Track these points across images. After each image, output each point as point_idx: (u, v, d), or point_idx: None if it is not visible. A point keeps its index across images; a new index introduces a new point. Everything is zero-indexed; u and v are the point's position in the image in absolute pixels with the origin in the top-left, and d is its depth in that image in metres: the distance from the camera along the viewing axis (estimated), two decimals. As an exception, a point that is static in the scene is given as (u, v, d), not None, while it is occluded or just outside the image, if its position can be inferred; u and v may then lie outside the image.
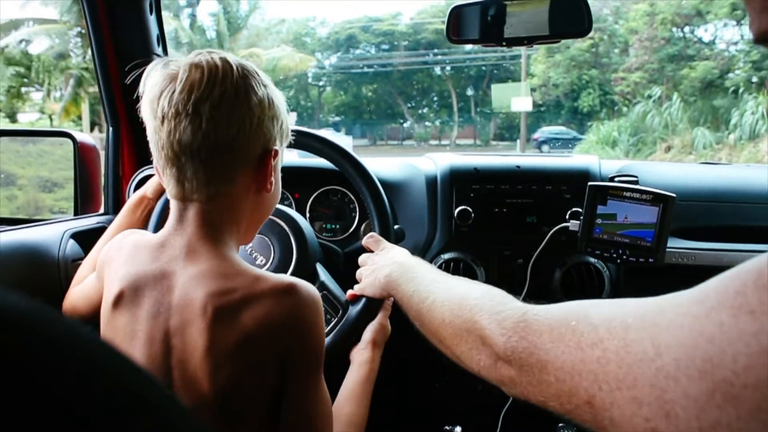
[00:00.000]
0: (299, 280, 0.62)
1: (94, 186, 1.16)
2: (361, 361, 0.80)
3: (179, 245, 0.62)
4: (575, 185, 1.10)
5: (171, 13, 16.39)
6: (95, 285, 0.73)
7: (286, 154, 0.72)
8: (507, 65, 21.16)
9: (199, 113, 0.58)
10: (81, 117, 13.60)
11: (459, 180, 1.14)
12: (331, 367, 0.68)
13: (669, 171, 1.27)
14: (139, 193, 0.95)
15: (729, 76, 13.39)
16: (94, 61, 1.12)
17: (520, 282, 1.09)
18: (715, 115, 12.49)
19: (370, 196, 0.92)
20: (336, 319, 0.87)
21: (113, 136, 1.19)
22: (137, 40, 1.13)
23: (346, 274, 0.92)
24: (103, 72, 1.13)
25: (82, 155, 1.12)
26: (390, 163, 1.25)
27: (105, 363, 0.18)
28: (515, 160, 1.18)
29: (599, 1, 17.49)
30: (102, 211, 1.18)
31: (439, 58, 21.83)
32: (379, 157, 1.47)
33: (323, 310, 0.64)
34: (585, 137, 15.03)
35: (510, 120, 21.31)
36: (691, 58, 14.63)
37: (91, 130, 13.03)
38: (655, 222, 0.95)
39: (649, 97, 13.58)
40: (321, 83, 24.32)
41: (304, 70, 18.99)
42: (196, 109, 0.58)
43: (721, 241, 1.08)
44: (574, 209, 1.08)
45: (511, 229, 1.12)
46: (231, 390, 0.58)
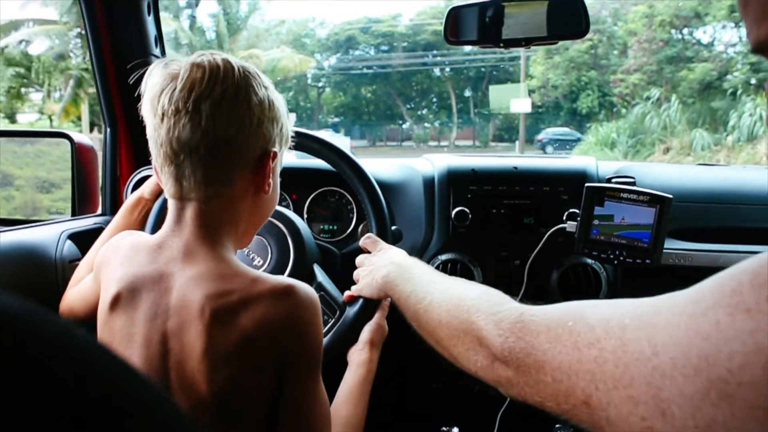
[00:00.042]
0: (297, 282, 0.62)
1: (92, 187, 1.16)
2: (358, 362, 0.80)
3: (177, 247, 0.61)
4: (572, 186, 1.10)
5: (171, 14, 16.37)
6: (92, 286, 0.72)
7: (284, 155, 0.72)
8: (506, 66, 21.18)
9: (199, 111, 0.58)
10: (81, 117, 13.58)
11: (456, 181, 1.14)
12: (328, 367, 0.68)
13: (666, 172, 1.27)
14: (136, 194, 0.95)
15: (727, 77, 13.41)
16: (92, 62, 1.12)
17: (517, 283, 1.09)
18: (713, 116, 12.51)
19: (367, 197, 0.92)
20: (333, 320, 0.87)
21: (111, 136, 1.19)
22: (135, 41, 1.13)
23: (344, 275, 0.92)
24: (101, 73, 1.13)
25: (80, 156, 1.12)
26: (387, 164, 1.25)
27: (101, 365, 0.18)
28: (512, 161, 1.18)
29: (598, 3, 17.53)
30: (99, 211, 1.18)
31: (438, 59, 21.84)
32: (376, 158, 1.47)
33: (321, 311, 0.64)
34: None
35: (509, 121, 21.32)
36: (689, 59, 14.67)
37: (91, 130, 13.01)
38: (652, 223, 0.95)
39: (648, 98, 13.59)
40: (320, 84, 24.33)
41: (303, 71, 18.98)
42: (196, 107, 0.58)
43: (718, 243, 1.08)
44: (572, 210, 1.08)
45: (509, 230, 1.12)
46: (229, 392, 0.58)
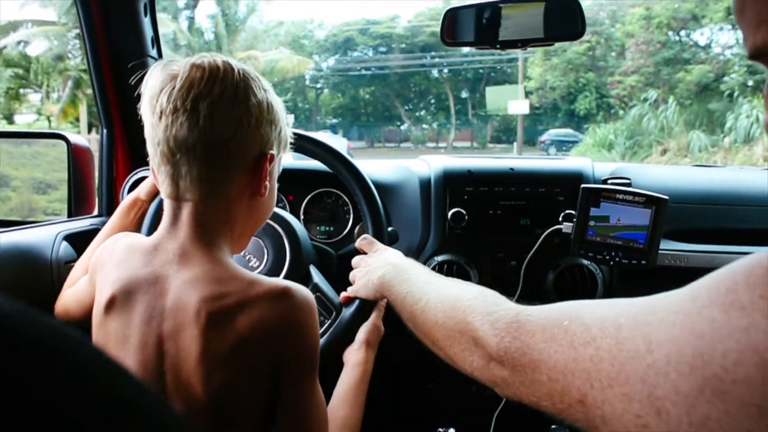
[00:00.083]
0: (293, 284, 0.62)
1: (88, 188, 1.15)
2: (354, 363, 0.80)
3: (172, 249, 0.61)
4: (568, 187, 1.10)
5: (169, 16, 16.37)
6: (87, 288, 0.72)
7: (282, 160, 0.71)
8: (504, 68, 21.22)
9: (197, 110, 0.58)
10: (79, 119, 13.56)
11: (452, 182, 1.14)
12: (325, 368, 0.67)
13: (662, 173, 1.27)
14: (132, 195, 0.94)
15: (724, 79, 13.46)
16: (88, 64, 1.12)
17: (513, 284, 1.09)
18: (710, 118, 12.55)
19: (363, 198, 0.92)
20: (329, 321, 0.87)
21: (107, 137, 1.18)
22: (132, 42, 1.13)
23: (340, 276, 0.92)
24: (98, 74, 1.13)
25: (76, 157, 1.12)
26: (384, 166, 1.25)
27: (95, 367, 0.18)
28: (509, 162, 1.19)
29: (596, 5, 17.58)
30: (96, 213, 1.18)
31: (436, 60, 21.87)
32: (372, 159, 1.47)
33: (317, 313, 0.64)
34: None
35: (507, 123, 21.36)
36: (686, 61, 14.72)
37: (89, 131, 12.99)
38: (647, 224, 0.95)
39: (645, 100, 13.63)
40: (318, 85, 24.34)
41: (301, 72, 18.97)
42: (194, 106, 0.58)
43: (714, 244, 1.09)
44: (568, 211, 1.08)
45: (505, 231, 1.12)
46: (225, 395, 0.58)
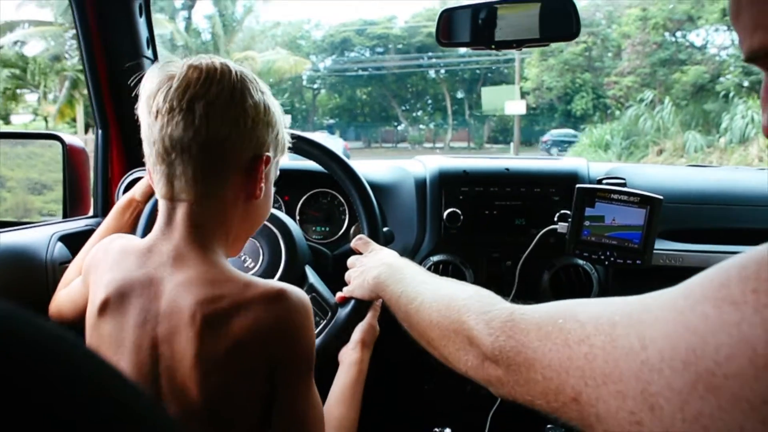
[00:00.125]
0: (289, 286, 0.61)
1: (83, 188, 1.15)
2: (350, 362, 0.80)
3: (166, 251, 0.61)
4: (564, 187, 1.11)
5: (166, 16, 16.35)
6: (81, 289, 0.72)
7: (279, 164, 0.71)
8: (501, 68, 21.26)
9: (193, 110, 0.58)
10: (76, 119, 13.52)
11: (448, 182, 1.14)
12: (321, 369, 0.67)
13: (657, 173, 1.27)
14: (127, 195, 0.94)
15: (720, 80, 13.52)
16: (83, 64, 1.12)
17: (508, 284, 1.10)
18: (706, 118, 12.60)
19: (358, 198, 0.92)
20: (325, 321, 0.87)
21: (102, 138, 1.18)
22: (127, 43, 1.13)
23: (336, 276, 0.92)
24: (93, 74, 1.13)
25: (71, 158, 1.12)
26: (379, 166, 1.25)
27: (89, 369, 0.18)
28: (504, 162, 1.19)
29: (592, 6, 17.63)
30: (91, 213, 1.17)
31: (433, 61, 21.89)
32: (369, 160, 1.47)
33: (313, 314, 0.64)
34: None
35: (504, 123, 21.40)
36: (682, 62, 14.77)
37: (86, 132, 12.94)
38: (642, 224, 0.96)
39: (642, 100, 13.66)
40: (315, 86, 24.33)
41: (298, 72, 18.96)
42: (190, 106, 0.58)
43: (709, 243, 1.09)
44: (563, 211, 1.09)
45: (500, 232, 1.13)
46: (221, 397, 0.58)
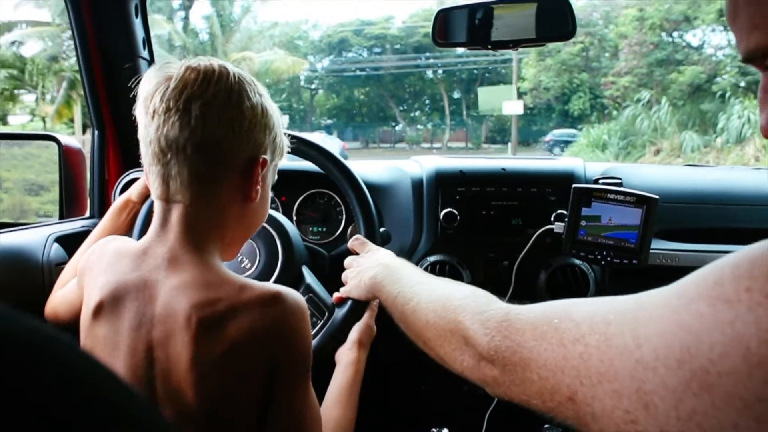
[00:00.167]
0: (285, 288, 0.61)
1: (80, 189, 1.15)
2: (347, 362, 0.80)
3: (161, 253, 0.60)
4: (560, 187, 1.11)
5: (164, 17, 16.33)
6: (76, 291, 0.71)
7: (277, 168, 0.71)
8: (498, 69, 21.29)
9: (190, 110, 0.58)
10: (73, 119, 13.48)
11: (444, 182, 1.14)
12: (318, 369, 0.67)
13: (653, 173, 1.28)
14: (124, 196, 0.94)
15: (716, 80, 13.55)
16: (80, 65, 1.12)
17: (505, 284, 1.10)
18: (702, 118, 12.64)
19: (355, 198, 0.92)
20: (322, 321, 0.87)
21: (99, 139, 1.18)
22: (123, 44, 1.12)
23: (333, 276, 0.92)
24: (89, 75, 1.12)
25: (68, 158, 1.11)
26: (376, 166, 1.25)
27: (84, 371, 0.18)
28: (500, 162, 1.19)
29: (589, 6, 17.66)
30: (87, 214, 1.17)
31: (431, 61, 21.91)
32: (366, 160, 1.47)
33: (309, 316, 0.63)
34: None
35: (501, 123, 21.42)
36: (679, 62, 14.81)
37: (84, 132, 12.91)
38: (638, 224, 0.96)
39: (639, 100, 13.69)
40: (313, 86, 24.32)
41: (296, 73, 18.95)
42: (186, 107, 0.58)
43: (705, 243, 1.09)
44: (559, 211, 1.09)
45: (497, 232, 1.13)
46: (217, 401, 0.57)
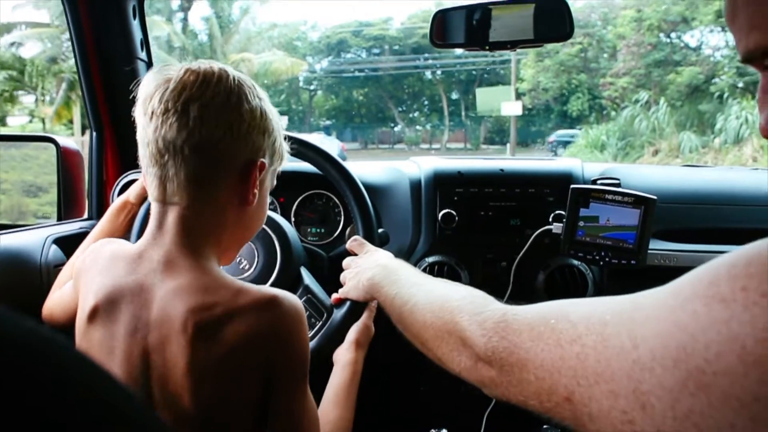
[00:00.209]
0: (281, 292, 0.61)
1: (78, 191, 1.15)
2: (344, 363, 0.80)
3: (157, 256, 0.60)
4: (558, 188, 1.11)
5: (164, 18, 16.33)
6: (72, 294, 0.71)
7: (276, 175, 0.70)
8: (497, 69, 21.32)
9: (188, 111, 0.58)
10: (72, 120, 13.47)
11: (443, 183, 1.14)
12: (316, 370, 0.67)
13: (651, 174, 1.28)
14: (122, 198, 0.94)
15: (714, 81, 13.59)
16: (77, 66, 1.12)
17: (504, 284, 1.10)
18: (700, 119, 12.68)
19: (353, 199, 0.92)
20: (321, 322, 0.87)
21: (97, 140, 1.18)
22: (120, 45, 1.12)
23: (331, 277, 0.92)
24: (87, 77, 1.12)
25: (66, 160, 1.11)
26: (374, 167, 1.25)
27: (80, 372, 0.18)
28: (499, 163, 1.19)
29: (588, 7, 17.70)
30: (85, 216, 1.17)
31: (429, 62, 21.93)
32: (364, 161, 1.47)
33: (306, 319, 0.63)
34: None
35: (500, 124, 21.46)
36: (677, 63, 14.84)
37: (83, 133, 12.90)
38: (636, 224, 0.96)
39: (637, 101, 13.72)
40: (312, 87, 24.33)
41: (295, 74, 18.94)
42: (185, 108, 0.58)
43: (703, 243, 1.09)
44: (557, 212, 1.09)
45: (495, 232, 1.13)
46: (214, 405, 0.57)
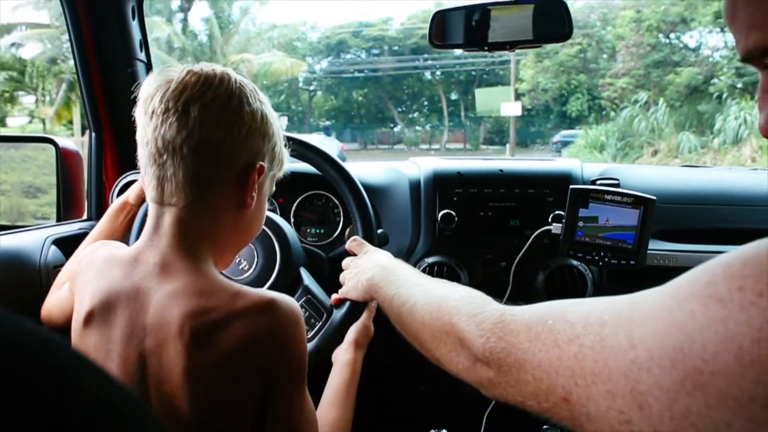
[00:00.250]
0: (279, 295, 0.60)
1: (77, 192, 1.15)
2: (343, 363, 0.80)
3: (153, 260, 0.59)
4: (557, 188, 1.11)
5: (164, 19, 16.34)
6: (68, 296, 0.70)
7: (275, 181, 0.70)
8: (496, 70, 21.33)
9: (188, 111, 0.58)
10: (72, 121, 13.46)
11: (442, 184, 1.14)
12: (316, 370, 0.67)
13: (650, 174, 1.28)
14: (121, 198, 0.94)
15: (713, 81, 13.61)
16: (76, 67, 1.12)
17: (503, 285, 1.10)
18: (699, 119, 12.69)
19: (353, 200, 0.92)
20: (321, 323, 0.87)
21: (96, 141, 1.18)
22: (119, 46, 1.12)
23: (331, 278, 0.92)
24: (86, 77, 1.12)
25: (65, 161, 1.11)
26: (374, 168, 1.25)
27: (77, 371, 0.18)
28: (498, 163, 1.19)
29: (587, 8, 17.72)
30: (85, 216, 1.17)
31: (429, 63, 21.94)
32: (364, 162, 1.47)
33: (306, 320, 0.63)
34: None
35: (500, 124, 21.46)
36: (676, 64, 14.86)
37: (83, 134, 12.90)
38: (636, 224, 0.96)
39: (636, 102, 13.73)
40: (312, 88, 24.33)
41: (294, 74, 18.93)
42: (185, 108, 0.58)
43: (702, 243, 1.10)
44: (557, 212, 1.09)
45: (494, 233, 1.13)
46: (212, 409, 0.57)
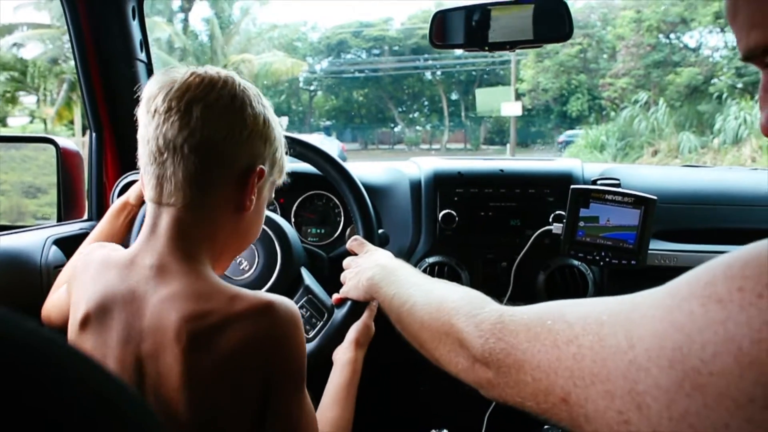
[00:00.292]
0: (277, 297, 0.60)
1: (78, 192, 1.15)
2: (344, 362, 0.80)
3: (150, 262, 0.59)
4: (558, 188, 1.11)
5: (164, 19, 16.36)
6: (65, 298, 0.70)
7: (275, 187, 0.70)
8: (497, 70, 21.33)
9: (191, 111, 0.58)
10: (73, 121, 13.47)
11: (443, 184, 1.14)
12: (318, 370, 0.67)
13: (651, 174, 1.28)
14: (122, 199, 0.94)
15: (713, 81, 13.61)
16: (77, 67, 1.12)
17: (504, 285, 1.10)
18: (700, 119, 12.69)
19: (353, 200, 0.92)
20: (321, 322, 0.87)
21: (96, 141, 1.18)
22: (120, 46, 1.12)
23: (332, 278, 0.92)
24: (86, 77, 1.12)
25: (65, 161, 1.11)
26: (374, 168, 1.25)
27: (77, 369, 0.18)
28: (498, 163, 1.19)
29: (587, 8, 17.72)
30: (85, 217, 1.17)
31: (429, 63, 21.94)
32: (364, 162, 1.47)
33: (306, 321, 0.63)
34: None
35: (500, 124, 21.47)
36: (676, 64, 14.86)
37: (83, 134, 12.92)
38: (636, 224, 0.96)
39: (636, 102, 13.73)
40: (312, 88, 24.35)
41: (295, 74, 18.93)
42: (188, 108, 0.58)
43: (703, 243, 1.10)
44: (558, 212, 1.09)
45: (495, 233, 1.13)
46: (210, 411, 0.57)
